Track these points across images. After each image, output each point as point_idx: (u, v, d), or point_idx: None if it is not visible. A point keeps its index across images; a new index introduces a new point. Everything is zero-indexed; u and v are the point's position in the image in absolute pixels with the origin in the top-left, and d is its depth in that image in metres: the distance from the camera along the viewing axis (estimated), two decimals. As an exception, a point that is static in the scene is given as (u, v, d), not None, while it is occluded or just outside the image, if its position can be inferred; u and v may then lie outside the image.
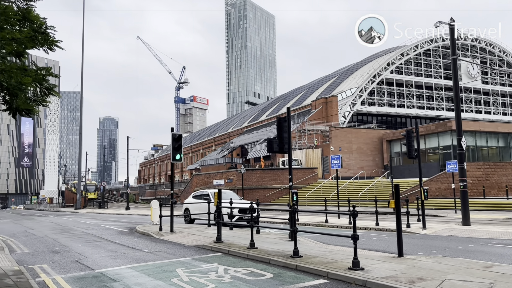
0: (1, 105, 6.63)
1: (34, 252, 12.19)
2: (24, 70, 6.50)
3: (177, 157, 15.30)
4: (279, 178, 45.54)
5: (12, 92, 6.47)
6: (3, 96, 6.74)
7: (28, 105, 6.94)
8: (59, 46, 6.82)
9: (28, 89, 6.73)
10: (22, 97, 6.77)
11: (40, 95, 7.13)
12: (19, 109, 6.89)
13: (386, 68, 66.28)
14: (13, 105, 6.84)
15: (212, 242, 11.98)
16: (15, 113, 7.07)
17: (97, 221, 25.14)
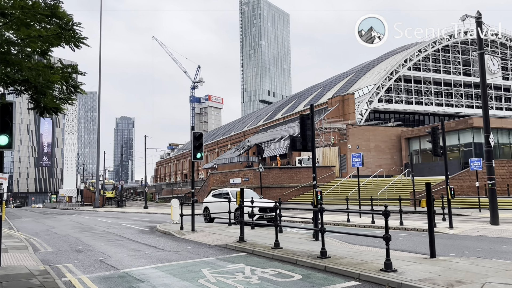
0: (29, 103, 6.60)
1: (58, 251, 12.22)
2: (50, 68, 6.42)
3: (198, 156, 15.18)
4: (296, 176, 45.22)
5: (40, 90, 6.40)
6: (31, 95, 6.67)
7: (56, 103, 6.86)
8: (85, 43, 6.72)
9: (56, 87, 6.64)
10: (50, 96, 6.70)
11: (67, 93, 7.06)
12: (47, 108, 6.82)
13: (403, 65, 65.29)
14: (40, 104, 6.77)
15: (235, 242, 11.82)
16: (43, 112, 7.01)
17: (117, 220, 25.27)
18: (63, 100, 7.06)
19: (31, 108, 7.14)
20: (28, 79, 6.25)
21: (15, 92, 6.99)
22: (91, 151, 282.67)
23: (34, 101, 6.83)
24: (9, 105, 9.09)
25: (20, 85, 6.41)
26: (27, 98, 7.07)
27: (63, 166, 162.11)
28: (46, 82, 6.32)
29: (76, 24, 6.32)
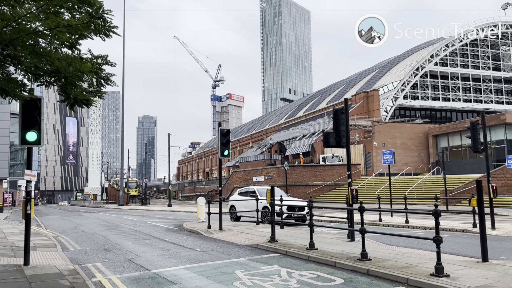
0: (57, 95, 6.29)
1: (86, 250, 12.03)
2: (80, 59, 6.11)
3: (226, 153, 14.81)
4: (320, 174, 44.49)
5: (71, 81, 6.09)
6: (61, 86, 6.37)
7: (86, 95, 6.54)
8: (115, 32, 6.37)
9: (86, 78, 6.32)
10: (80, 87, 6.39)
11: (97, 85, 6.74)
12: (77, 100, 6.51)
13: (429, 60, 63.55)
14: (70, 96, 6.47)
15: (267, 242, 11.37)
16: (73, 104, 6.71)
17: (142, 218, 25.21)
18: (92, 93, 6.75)
19: (61, 100, 6.86)
20: (58, 69, 5.94)
21: (45, 83, 6.72)
22: (114, 150, 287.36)
23: (64, 93, 6.54)
24: (37, 101, 8.87)
25: (50, 76, 6.12)
26: (57, 90, 6.79)
27: (87, 165, 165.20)
28: (76, 72, 6.00)
29: (106, 11, 5.98)
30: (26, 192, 9.22)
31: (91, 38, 6.97)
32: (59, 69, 5.96)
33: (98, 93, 6.88)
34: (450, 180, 32.41)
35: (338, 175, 44.21)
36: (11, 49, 5.61)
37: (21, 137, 8.89)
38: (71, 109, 8.33)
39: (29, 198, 9.11)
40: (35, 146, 9.05)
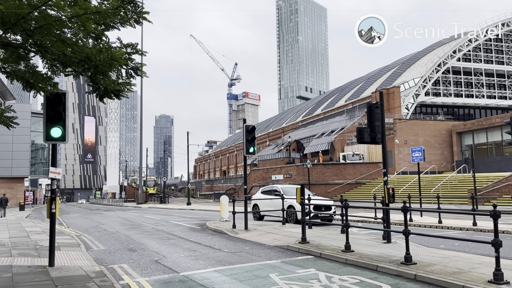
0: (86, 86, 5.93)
1: (110, 250, 11.70)
2: (109, 48, 5.68)
3: (251, 150, 14.32)
4: (341, 173, 43.68)
5: (101, 70, 5.66)
6: (90, 76, 5.95)
7: (117, 86, 6.11)
8: (146, 19, 5.92)
9: (116, 66, 5.88)
10: (110, 77, 5.97)
11: (126, 76, 6.30)
12: (107, 91, 6.08)
13: (452, 56, 61.90)
14: (101, 86, 6.06)
15: (297, 243, 10.83)
16: (103, 96, 6.29)
17: (163, 217, 24.94)
18: (122, 85, 6.31)
19: (90, 91, 6.45)
20: (88, 57, 5.51)
21: (73, 73, 6.32)
22: (132, 149, 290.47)
23: (94, 83, 6.12)
24: (62, 95, 8.53)
25: (78, 65, 5.72)
26: (86, 80, 6.38)
27: (106, 163, 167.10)
28: (108, 60, 5.58)
29: (136, -6, 5.55)
30: (51, 190, 8.90)
31: (117, 28, 6.54)
32: (89, 57, 5.54)
33: (127, 84, 6.43)
34: (478, 179, 31.28)
35: (359, 174, 43.35)
36: (37, 36, 5.21)
37: (45, 133, 8.57)
38: (101, 101, 7.79)
39: (53, 197, 8.79)
40: (60, 143, 8.71)
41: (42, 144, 63.27)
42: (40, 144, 62.92)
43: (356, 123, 53.73)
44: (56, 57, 5.65)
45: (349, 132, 53.78)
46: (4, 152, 50.75)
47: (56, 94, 8.38)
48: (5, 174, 50.76)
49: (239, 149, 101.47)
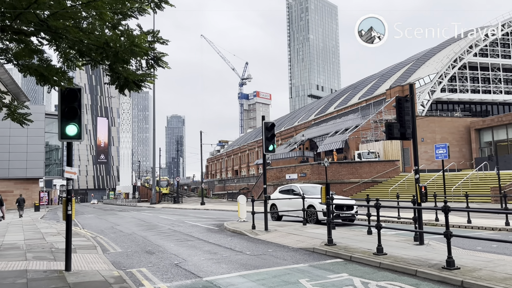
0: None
1: (128, 252, 11.27)
2: (130, 32, 5.20)
3: (270, 148, 13.80)
4: (357, 171, 42.88)
5: (121, 57, 5.19)
6: (110, 64, 5.48)
7: (139, 75, 5.62)
8: (168, 2, 5.44)
9: (140, 54, 5.39)
10: (133, 65, 5.49)
11: (146, 67, 5.81)
12: (128, 80, 5.59)
13: (468, 51, 60.51)
14: (121, 75, 5.58)
15: (323, 245, 10.27)
16: (124, 86, 5.81)
17: (179, 217, 24.53)
18: (143, 76, 5.82)
19: (109, 82, 5.98)
20: (107, 42, 5.04)
21: (90, 62, 5.85)
22: (144, 149, 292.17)
23: (113, 73, 5.64)
24: (77, 91, 8.11)
25: (96, 52, 5.25)
26: (105, 70, 5.91)
27: (119, 164, 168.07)
28: (129, 46, 5.10)
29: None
30: (67, 191, 8.48)
31: (135, 17, 6.07)
32: (108, 42, 5.06)
33: (148, 76, 5.93)
34: (500, 176, 30.27)
35: (375, 172, 42.52)
36: (51, 21, 4.74)
37: (60, 131, 8.15)
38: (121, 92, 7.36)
39: (69, 198, 8.36)
40: (75, 141, 8.29)
41: (56, 145, 63.66)
42: (54, 145, 63.32)
43: (371, 120, 52.84)
44: (72, 44, 5.19)
45: (364, 130, 52.91)
46: (19, 154, 51.06)
47: (71, 90, 7.97)
48: (20, 175, 51.07)
49: (251, 148, 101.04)
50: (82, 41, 5.05)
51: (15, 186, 49.85)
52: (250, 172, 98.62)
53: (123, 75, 5.60)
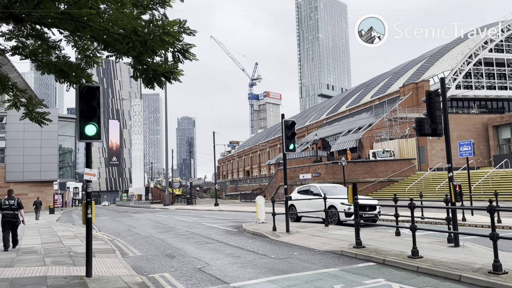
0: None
1: (147, 256, 10.93)
2: (161, 20, 4.79)
3: (291, 147, 13.37)
4: (373, 171, 42.18)
5: (150, 46, 4.80)
6: (136, 56, 5.09)
7: (168, 67, 5.20)
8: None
9: (170, 43, 4.98)
10: (156, 59, 5.09)
11: (173, 60, 5.41)
12: (157, 73, 5.18)
13: (484, 47, 59.31)
14: (149, 67, 5.19)
15: (352, 247, 9.80)
16: (152, 80, 5.41)
17: (195, 219, 24.20)
18: (171, 68, 5.42)
19: (135, 75, 5.59)
20: (134, 30, 4.66)
21: (116, 54, 5.49)
22: (155, 151, 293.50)
23: (140, 65, 5.25)
24: (95, 89, 7.77)
25: (123, 42, 4.88)
26: (131, 63, 5.52)
27: (131, 166, 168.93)
28: (160, 34, 4.71)
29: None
30: (86, 193, 8.15)
31: (156, 9, 5.69)
32: (136, 30, 4.67)
33: (174, 69, 5.52)
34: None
35: (391, 171, 41.78)
36: (75, 8, 4.38)
37: (79, 131, 7.81)
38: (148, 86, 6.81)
39: (89, 200, 8.03)
40: (95, 141, 7.96)
41: (69, 148, 64.03)
42: (67, 148, 63.71)
43: (385, 118, 52.08)
44: (96, 34, 4.82)
45: (378, 128, 52.17)
46: (34, 157, 51.36)
47: (90, 88, 7.64)
48: (35, 178, 51.36)
49: (262, 148, 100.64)
50: (106, 30, 4.68)
51: (29, 189, 50.13)
52: (261, 173, 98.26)
53: (152, 67, 5.20)
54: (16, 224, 12.07)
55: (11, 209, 11.92)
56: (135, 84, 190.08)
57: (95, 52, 6.97)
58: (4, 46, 6.11)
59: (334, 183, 40.91)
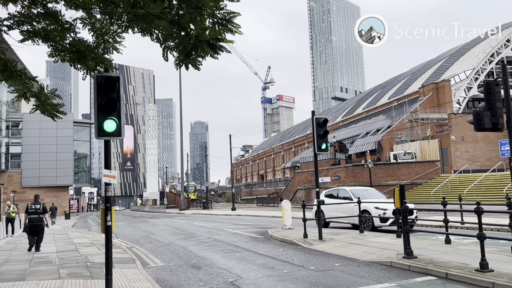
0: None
1: (171, 267, 9.94)
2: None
3: (323, 147, 12.30)
4: (395, 173, 40.72)
5: (195, 2, 3.77)
6: (172, 19, 4.01)
7: (216, 32, 4.12)
8: None
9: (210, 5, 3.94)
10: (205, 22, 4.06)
11: (212, 32, 4.38)
12: (200, 40, 4.05)
13: (506, 45, 57.57)
14: (190, 34, 4.18)
15: (402, 258, 8.66)
16: (192, 51, 4.31)
17: (215, 224, 23.19)
18: (219, 33, 4.34)
19: (164, 54, 4.56)
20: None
21: (142, 31, 4.43)
22: (169, 156, 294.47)
23: (179, 29, 4.15)
24: (115, 79, 6.84)
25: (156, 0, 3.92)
26: (156, 36, 4.47)
27: (145, 171, 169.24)
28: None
29: None
30: (105, 198, 7.20)
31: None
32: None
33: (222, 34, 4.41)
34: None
35: (414, 174, 40.26)
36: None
37: (97, 127, 6.87)
38: (183, 63, 5.63)
39: (109, 206, 7.08)
40: (115, 138, 7.01)
41: (84, 153, 63.97)
42: (82, 153, 63.70)
43: (405, 120, 50.59)
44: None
45: (398, 130, 50.70)
46: (49, 162, 51.21)
47: (109, 78, 6.71)
48: (50, 183, 51.16)
49: (277, 152, 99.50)
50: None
51: (45, 194, 49.88)
52: (276, 177, 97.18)
53: (193, 33, 4.16)
54: (42, 226, 12.75)
55: (37, 213, 12.55)
56: (148, 89, 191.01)
57: (114, 36, 6.03)
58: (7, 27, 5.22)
59: (355, 185, 39.64)
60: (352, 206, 15.44)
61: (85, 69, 5.56)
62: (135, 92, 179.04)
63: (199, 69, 4.68)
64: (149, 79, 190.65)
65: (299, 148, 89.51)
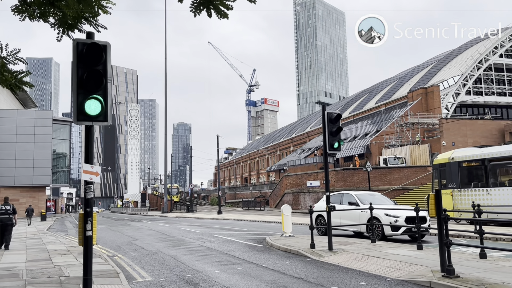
0: None
1: (161, 283, 8.35)
2: None
3: (335, 145, 11.01)
4: (386, 178, 39.80)
5: None
6: None
7: None
8: None
9: None
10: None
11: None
12: None
13: (494, 52, 57.68)
14: None
15: (441, 277, 7.29)
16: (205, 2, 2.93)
17: (204, 229, 21.51)
18: None
19: None
20: None
21: None
22: (151, 157, 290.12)
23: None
24: (101, 47, 5.31)
25: None
26: None
27: (126, 172, 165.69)
28: None
29: None
30: (85, 200, 5.60)
31: None
32: None
33: None
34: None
35: (406, 179, 39.38)
36: None
37: (76, 108, 5.32)
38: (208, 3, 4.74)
39: (89, 211, 5.51)
40: (99, 123, 5.45)
41: (63, 153, 61.50)
42: (61, 153, 61.25)
43: (395, 123, 49.90)
44: None
45: (387, 134, 49.95)
46: (25, 161, 48.66)
47: (93, 45, 5.18)
48: (26, 183, 48.61)
49: (261, 155, 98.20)
50: None
51: (21, 194, 47.35)
52: (260, 180, 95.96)
53: None
54: (12, 225, 13.84)
55: (7, 213, 13.57)
56: (131, 89, 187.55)
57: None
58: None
59: (346, 190, 38.53)
60: (358, 213, 14.13)
61: (59, 24, 4.03)
62: (117, 91, 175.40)
63: (227, 16, 3.26)
64: (132, 78, 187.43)
65: (284, 152, 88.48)
